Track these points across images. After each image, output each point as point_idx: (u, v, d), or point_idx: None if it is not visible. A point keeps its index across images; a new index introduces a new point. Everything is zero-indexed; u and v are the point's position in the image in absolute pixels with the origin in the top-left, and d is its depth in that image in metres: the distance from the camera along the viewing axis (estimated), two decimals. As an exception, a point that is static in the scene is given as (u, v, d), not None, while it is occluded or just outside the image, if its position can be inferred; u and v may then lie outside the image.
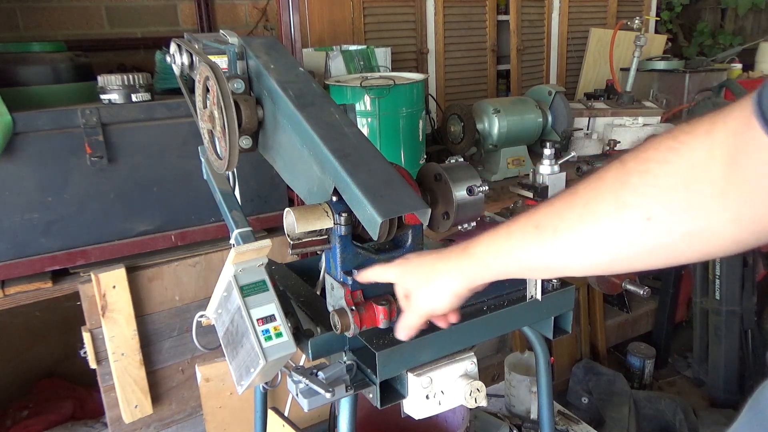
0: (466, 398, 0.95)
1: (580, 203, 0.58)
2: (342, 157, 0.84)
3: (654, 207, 0.53)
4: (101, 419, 2.10)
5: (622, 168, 0.56)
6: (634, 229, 0.55)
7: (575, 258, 0.60)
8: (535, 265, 0.65)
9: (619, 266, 0.60)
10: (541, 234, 0.62)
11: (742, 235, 0.52)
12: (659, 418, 2.43)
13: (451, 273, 0.71)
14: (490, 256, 0.68)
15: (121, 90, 1.61)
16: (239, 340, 0.90)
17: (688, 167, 0.52)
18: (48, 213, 1.55)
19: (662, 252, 0.56)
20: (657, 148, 0.54)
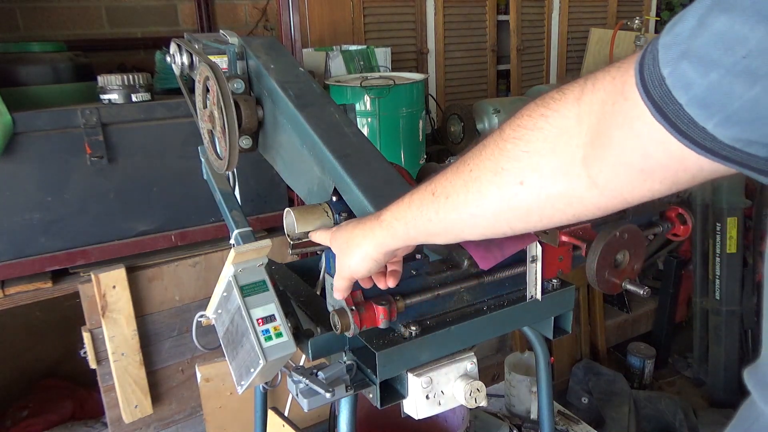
0: (466, 398, 0.95)
1: (466, 170, 0.61)
2: (342, 157, 0.84)
3: (525, 172, 0.56)
4: (101, 419, 2.10)
5: (500, 135, 0.58)
6: (509, 192, 0.58)
7: (465, 222, 0.64)
8: (434, 230, 0.68)
9: (500, 229, 0.63)
10: (437, 200, 0.65)
11: (604, 202, 0.54)
12: (659, 418, 2.43)
13: (365, 239, 0.74)
14: (396, 222, 0.70)
15: (121, 90, 1.61)
16: (239, 340, 0.90)
17: (557, 134, 0.53)
18: (48, 213, 1.55)
19: (535, 214, 0.58)
20: (530, 115, 0.56)
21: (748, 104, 0.39)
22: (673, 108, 0.43)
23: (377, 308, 0.85)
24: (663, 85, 0.43)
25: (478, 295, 1.03)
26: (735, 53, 0.38)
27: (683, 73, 0.42)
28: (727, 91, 0.40)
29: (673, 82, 0.42)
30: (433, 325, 0.96)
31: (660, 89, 0.43)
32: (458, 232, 0.67)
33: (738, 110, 0.40)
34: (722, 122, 0.41)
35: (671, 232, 1.18)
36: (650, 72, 0.44)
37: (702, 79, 0.41)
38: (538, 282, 1.01)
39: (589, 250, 0.94)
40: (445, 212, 0.64)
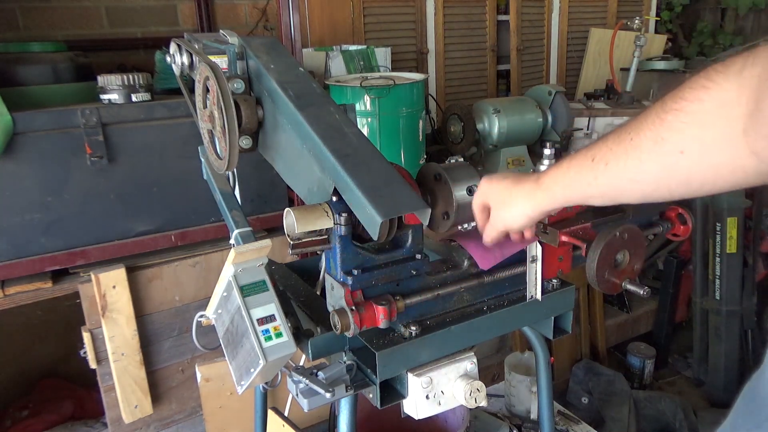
0: (466, 398, 0.95)
1: (627, 138, 0.65)
2: (342, 157, 0.84)
3: (686, 141, 0.59)
4: (101, 419, 2.10)
5: (662, 106, 0.62)
6: (670, 161, 0.61)
7: (624, 187, 0.68)
8: (592, 193, 0.73)
9: (660, 194, 0.67)
10: (596, 166, 0.69)
11: (763, 168, 0.56)
12: (659, 418, 2.43)
13: (525, 198, 0.81)
14: (556, 186, 0.77)
15: (121, 90, 1.61)
16: (239, 340, 0.90)
17: (718, 105, 0.56)
18: (48, 213, 1.55)
19: (696, 181, 0.62)
20: (692, 87, 0.59)
21: None
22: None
23: (377, 308, 0.85)
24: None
25: (478, 295, 1.03)
26: None
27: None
28: None
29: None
30: (433, 325, 0.96)
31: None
32: (616, 196, 0.72)
33: None
34: None
35: (671, 232, 1.18)
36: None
37: None
38: (538, 282, 1.01)
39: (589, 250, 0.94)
40: (605, 177, 0.69)
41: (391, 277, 0.89)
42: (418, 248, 0.92)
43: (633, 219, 1.11)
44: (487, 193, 0.88)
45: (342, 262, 0.86)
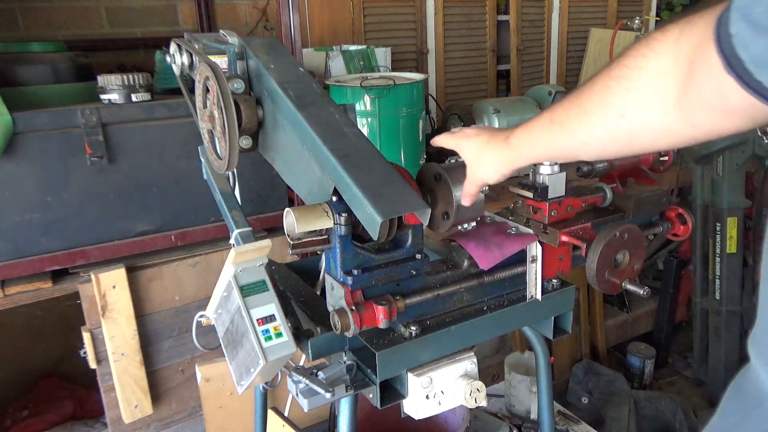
0: (466, 398, 0.95)
1: (578, 102, 0.71)
2: (342, 157, 0.84)
3: (627, 107, 0.64)
4: (101, 419, 2.11)
5: (608, 73, 0.66)
6: (613, 124, 0.66)
7: (578, 148, 0.74)
8: (552, 153, 0.79)
9: (608, 154, 0.75)
10: (554, 128, 0.75)
11: (695, 134, 0.61)
12: (659, 418, 2.43)
13: (496, 156, 0.86)
14: (522, 146, 0.82)
15: (121, 90, 1.61)
16: (239, 340, 0.90)
17: (655, 73, 0.61)
18: (48, 213, 1.55)
19: (636, 143, 0.67)
20: (634, 55, 0.63)
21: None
22: (737, 63, 0.50)
23: (377, 308, 0.85)
24: (729, 43, 0.50)
25: (478, 295, 1.03)
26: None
27: (743, 35, 0.49)
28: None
29: (737, 41, 0.50)
30: (433, 325, 0.96)
31: (729, 45, 0.50)
32: (573, 155, 0.78)
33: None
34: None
35: (671, 232, 1.18)
36: (724, 30, 0.51)
37: (755, 42, 0.48)
38: (538, 282, 1.01)
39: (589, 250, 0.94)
40: (562, 139, 0.74)
41: (391, 277, 0.89)
42: (418, 248, 0.92)
43: (633, 219, 1.11)
44: (462, 147, 0.92)
45: (342, 262, 0.86)
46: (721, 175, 2.58)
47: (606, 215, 1.09)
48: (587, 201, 1.08)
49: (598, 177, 1.14)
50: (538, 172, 1.02)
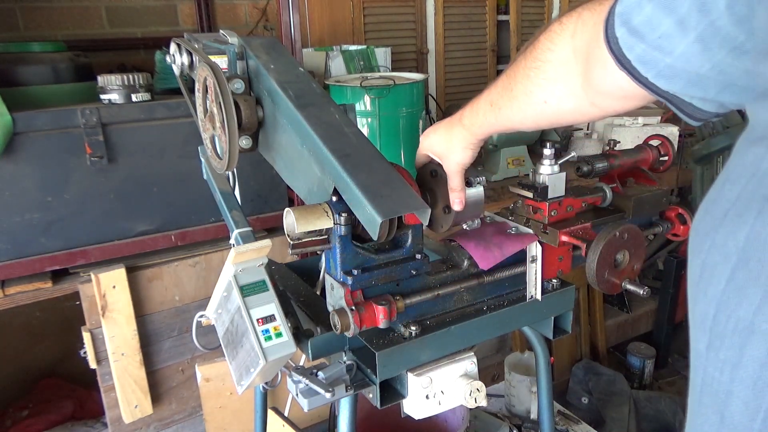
0: (466, 398, 0.95)
1: (509, 87, 0.81)
2: (342, 157, 0.84)
3: (546, 94, 0.75)
4: (101, 419, 2.11)
5: (524, 62, 0.76)
6: (540, 108, 0.77)
7: (516, 125, 0.86)
8: (497, 129, 0.90)
9: (541, 126, 0.85)
10: (494, 110, 0.86)
11: (603, 113, 0.72)
12: (659, 418, 2.43)
13: (456, 137, 0.94)
14: (473, 126, 0.91)
15: (121, 90, 1.61)
16: (239, 340, 0.90)
17: (560, 64, 0.71)
18: (48, 213, 1.55)
19: (562, 120, 0.78)
20: (541, 47, 0.73)
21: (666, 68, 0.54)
22: (626, 61, 0.57)
23: (377, 308, 0.85)
24: (617, 44, 0.57)
25: (478, 295, 1.03)
26: (654, 33, 0.53)
27: (627, 38, 0.56)
28: (651, 57, 0.55)
29: (622, 43, 0.57)
30: (433, 325, 0.96)
31: (617, 46, 0.57)
32: (514, 129, 0.89)
33: (662, 70, 0.55)
34: (655, 76, 0.56)
35: (671, 232, 1.18)
36: (611, 32, 0.58)
37: (637, 46, 0.55)
38: (538, 282, 1.01)
39: (589, 250, 0.94)
40: (501, 118, 0.85)
41: (391, 277, 0.89)
42: (418, 248, 0.92)
43: (633, 219, 1.11)
44: (430, 146, 0.98)
45: (342, 262, 0.86)
46: (720, 174, 2.57)
47: (606, 215, 1.09)
48: (587, 201, 1.08)
49: (598, 177, 1.14)
50: (538, 172, 1.02)
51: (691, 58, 0.52)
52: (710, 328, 0.54)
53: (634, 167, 1.18)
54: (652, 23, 0.53)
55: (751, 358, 0.50)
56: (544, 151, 1.02)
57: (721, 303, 0.53)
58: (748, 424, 0.50)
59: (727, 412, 0.52)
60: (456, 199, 0.95)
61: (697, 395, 0.57)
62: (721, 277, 0.54)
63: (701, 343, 0.56)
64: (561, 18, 0.70)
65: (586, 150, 2.52)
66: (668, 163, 1.20)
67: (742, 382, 0.51)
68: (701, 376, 0.56)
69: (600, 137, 2.62)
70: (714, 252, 0.56)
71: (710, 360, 0.54)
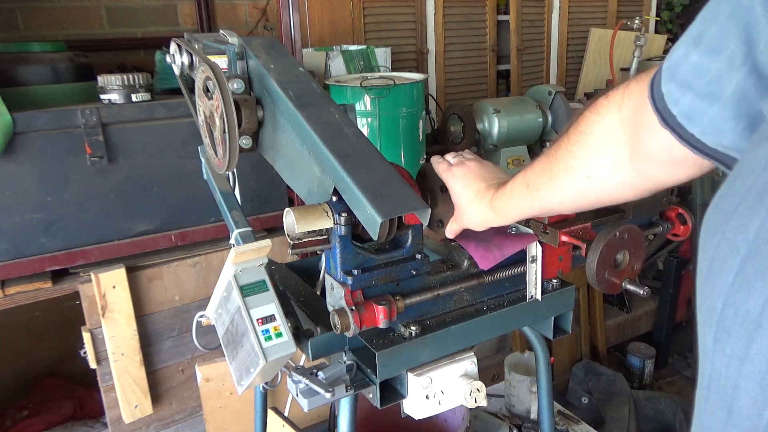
0: (466, 398, 0.95)
1: (548, 167, 0.78)
2: (342, 157, 0.84)
3: (589, 168, 0.72)
4: (101, 419, 2.10)
5: (567, 138, 0.74)
6: (581, 185, 0.74)
7: (555, 207, 0.83)
8: (533, 213, 0.87)
9: (581, 207, 0.82)
10: (531, 192, 0.82)
11: (650, 185, 0.69)
12: (659, 418, 2.43)
13: (480, 214, 0.91)
14: (504, 210, 0.88)
15: (121, 90, 1.61)
16: (239, 340, 0.90)
17: (607, 135, 0.68)
18: (48, 213, 1.55)
19: (605, 198, 0.75)
20: (586, 121, 0.71)
21: (712, 120, 0.51)
22: (671, 118, 0.55)
23: (377, 308, 0.85)
24: (662, 100, 0.55)
25: (478, 295, 1.03)
26: (702, 79, 0.51)
27: (672, 92, 0.54)
28: (698, 109, 0.52)
29: (668, 98, 0.55)
30: (433, 325, 0.96)
31: (662, 103, 0.55)
32: (551, 213, 0.88)
33: (708, 124, 0.52)
34: (701, 132, 0.53)
35: (671, 232, 1.18)
36: (657, 89, 0.56)
37: (683, 98, 0.53)
38: (538, 282, 1.01)
39: (589, 250, 0.94)
40: (539, 201, 0.82)
41: (391, 277, 0.89)
42: (418, 248, 0.92)
43: (633, 219, 1.11)
44: (451, 189, 0.95)
45: (342, 262, 0.86)
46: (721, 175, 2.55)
47: (606, 215, 1.09)
48: (583, 206, 1.08)
49: (598, 177, 1.14)
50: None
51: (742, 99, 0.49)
52: (717, 322, 0.54)
53: (634, 167, 1.18)
54: (700, 70, 0.50)
55: (758, 352, 0.50)
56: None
57: (728, 296, 0.53)
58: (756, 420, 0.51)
59: (735, 407, 0.52)
60: (450, 233, 0.97)
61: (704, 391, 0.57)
62: (729, 270, 0.54)
63: (708, 338, 0.55)
64: (607, 92, 0.68)
65: (586, 150, 2.52)
66: (668, 163, 1.20)
67: (749, 377, 0.51)
68: (708, 371, 0.56)
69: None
70: (723, 246, 0.56)
71: (717, 354, 0.54)
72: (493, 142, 2.33)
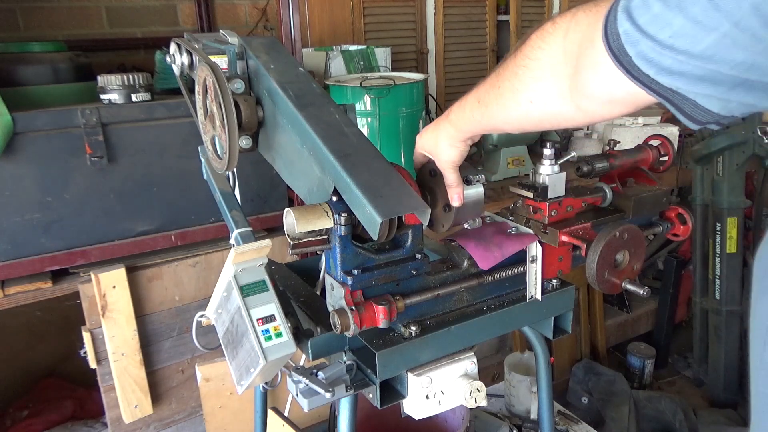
0: (466, 398, 0.95)
1: (496, 85, 0.79)
2: (342, 157, 0.84)
3: (532, 93, 0.73)
4: (101, 419, 2.11)
5: (514, 59, 0.75)
6: (524, 108, 0.75)
7: (500, 125, 0.85)
8: (483, 128, 0.89)
9: (524, 128, 0.82)
10: (480, 107, 0.84)
11: (589, 119, 0.70)
12: (659, 418, 2.43)
13: (443, 134, 0.94)
14: (459, 122, 0.91)
15: (121, 90, 1.61)
16: (239, 340, 0.90)
17: (550, 64, 0.69)
18: (48, 213, 1.55)
19: (546, 122, 0.77)
20: (531, 45, 0.71)
21: (674, 64, 0.53)
22: (626, 58, 0.56)
23: (377, 308, 0.85)
24: (618, 40, 0.56)
25: (478, 295, 1.03)
26: (664, 32, 0.52)
27: (632, 34, 0.54)
28: (657, 54, 0.53)
29: (625, 39, 0.55)
30: (433, 325, 0.96)
31: (617, 43, 0.56)
32: (499, 129, 0.88)
33: (667, 66, 0.53)
34: (658, 73, 0.54)
35: (671, 232, 1.18)
36: (612, 28, 0.56)
37: (642, 42, 0.53)
38: (538, 282, 1.01)
39: (589, 250, 0.94)
40: (487, 117, 0.84)
41: (391, 277, 0.89)
42: (418, 248, 0.92)
43: (633, 219, 1.11)
44: (422, 145, 0.98)
45: (342, 262, 0.86)
46: (721, 175, 2.58)
47: (606, 215, 1.09)
48: (587, 201, 1.08)
49: (598, 177, 1.14)
50: (538, 172, 1.02)
51: (713, 57, 0.50)
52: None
53: (634, 167, 1.18)
54: (661, 22, 0.52)
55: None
56: (544, 151, 1.02)
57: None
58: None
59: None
60: (454, 195, 0.95)
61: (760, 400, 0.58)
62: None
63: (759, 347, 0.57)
64: (555, 18, 0.69)
65: (586, 150, 2.52)
66: (668, 163, 1.20)
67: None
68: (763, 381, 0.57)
69: (600, 137, 2.62)
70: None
71: None
72: (492, 142, 2.33)
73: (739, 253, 2.64)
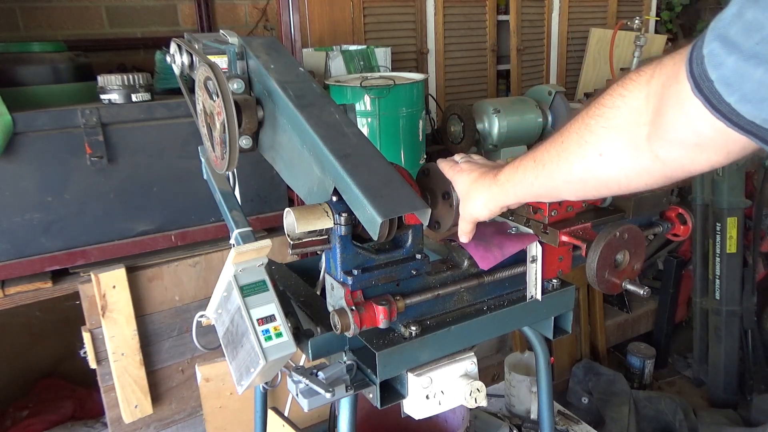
0: (466, 398, 0.95)
1: (559, 141, 0.71)
2: (342, 157, 0.84)
3: (604, 145, 0.65)
4: (101, 419, 2.11)
5: (587, 111, 0.67)
6: (591, 163, 0.67)
7: (559, 186, 0.75)
8: (536, 192, 0.79)
9: (587, 192, 0.73)
10: (537, 167, 0.76)
11: (669, 173, 0.61)
12: (659, 418, 2.43)
13: (484, 191, 0.86)
14: (508, 184, 0.82)
15: (121, 90, 1.61)
16: (239, 340, 0.90)
17: (629, 112, 0.61)
18: (48, 213, 1.55)
19: (614, 182, 0.68)
20: (611, 94, 0.64)
21: (756, 85, 0.45)
22: (707, 84, 0.48)
23: (377, 308, 0.85)
24: (701, 65, 0.49)
25: (478, 295, 1.03)
26: (752, 38, 0.44)
27: (716, 53, 0.48)
28: (743, 72, 0.46)
29: (708, 60, 0.48)
30: (433, 325, 0.96)
31: (700, 67, 0.49)
32: (555, 195, 0.78)
33: (750, 91, 0.46)
34: (740, 100, 0.47)
35: (671, 232, 1.18)
36: (698, 52, 0.50)
37: (726, 60, 0.47)
38: (538, 282, 1.01)
39: (589, 250, 0.94)
40: (543, 178, 0.75)
41: (391, 277, 0.89)
42: (418, 248, 0.92)
43: (633, 219, 1.11)
44: (456, 182, 0.92)
45: (342, 262, 0.86)
46: (721, 175, 2.58)
47: (606, 215, 1.09)
48: (587, 201, 1.08)
49: (598, 177, 1.14)
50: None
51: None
52: None
53: (634, 167, 1.18)
54: (754, 26, 0.44)
55: None
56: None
57: None
58: None
59: None
60: (462, 235, 0.94)
61: None
62: None
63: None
64: (640, 67, 0.62)
65: (586, 150, 2.52)
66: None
67: None
68: None
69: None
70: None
71: None
72: (493, 142, 2.33)
73: (739, 253, 2.64)
